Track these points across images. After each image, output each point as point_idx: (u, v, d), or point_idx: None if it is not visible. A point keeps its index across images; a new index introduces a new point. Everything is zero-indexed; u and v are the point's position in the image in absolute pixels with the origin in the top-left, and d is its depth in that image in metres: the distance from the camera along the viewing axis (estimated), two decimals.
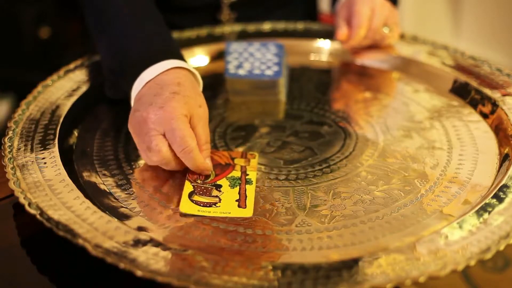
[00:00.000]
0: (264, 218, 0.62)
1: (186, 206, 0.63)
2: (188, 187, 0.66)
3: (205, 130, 0.68)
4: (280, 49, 0.89)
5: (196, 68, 0.94)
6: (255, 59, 0.88)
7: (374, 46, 0.95)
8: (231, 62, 0.87)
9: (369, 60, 0.95)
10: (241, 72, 0.85)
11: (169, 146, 0.65)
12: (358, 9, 0.91)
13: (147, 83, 0.70)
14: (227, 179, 0.68)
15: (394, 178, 0.68)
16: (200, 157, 0.66)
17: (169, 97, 0.67)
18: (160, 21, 0.81)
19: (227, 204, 0.64)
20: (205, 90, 0.87)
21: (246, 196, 0.65)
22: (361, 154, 0.73)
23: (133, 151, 0.73)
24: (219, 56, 0.95)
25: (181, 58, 0.74)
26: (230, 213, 0.62)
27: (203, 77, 0.77)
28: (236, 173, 0.69)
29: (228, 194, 0.65)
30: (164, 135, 0.65)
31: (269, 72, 0.85)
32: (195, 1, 1.04)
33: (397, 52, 0.94)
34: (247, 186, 0.67)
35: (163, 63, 0.71)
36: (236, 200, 0.64)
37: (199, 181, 0.67)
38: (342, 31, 0.93)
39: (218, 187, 0.67)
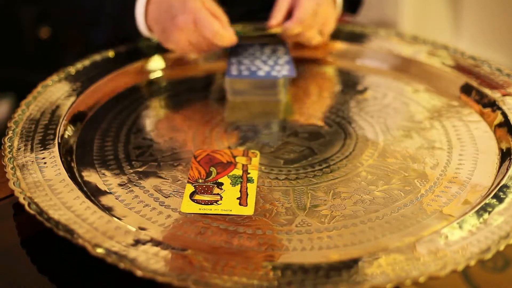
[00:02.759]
0: (264, 218, 0.62)
1: (187, 206, 0.63)
2: (189, 188, 0.66)
3: (218, 8, 0.86)
4: (283, 49, 0.89)
5: (194, 69, 0.95)
6: (255, 59, 0.88)
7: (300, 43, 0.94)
8: (234, 63, 0.87)
9: (369, 60, 0.95)
10: (242, 72, 0.85)
11: None
12: (304, 3, 0.87)
13: (148, 3, 0.86)
14: (228, 177, 0.68)
15: (394, 178, 0.68)
16: (227, 33, 0.82)
17: (180, 3, 0.82)
18: None
19: (228, 202, 0.64)
20: (204, 90, 0.88)
21: (247, 194, 0.65)
22: (361, 154, 0.73)
23: (133, 151, 0.73)
24: (217, 56, 0.95)
25: None
26: (231, 210, 0.63)
27: (203, 77, 0.77)
28: (238, 171, 0.69)
29: (229, 192, 0.65)
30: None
31: (272, 72, 0.85)
32: None
33: (397, 52, 0.94)
34: (248, 185, 0.67)
35: None
36: (237, 198, 0.64)
37: (200, 180, 0.67)
38: (276, 20, 0.90)
39: (220, 185, 0.67)
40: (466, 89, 0.84)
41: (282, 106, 0.85)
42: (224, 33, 0.81)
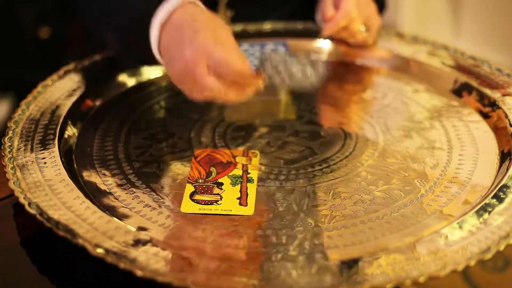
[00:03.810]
0: (264, 218, 0.62)
1: (187, 206, 0.63)
2: (189, 188, 0.66)
3: (234, 43, 0.69)
4: (283, 49, 0.89)
5: None
6: (254, 59, 0.88)
7: (346, 43, 0.96)
8: None
9: (369, 60, 0.95)
10: None
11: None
12: (343, 5, 0.91)
13: (163, 26, 0.71)
14: (228, 177, 0.68)
15: (394, 178, 0.68)
16: (250, 72, 0.67)
17: (193, 36, 0.67)
18: None
19: (228, 202, 0.64)
20: None
21: (247, 194, 0.65)
22: (361, 154, 0.73)
23: (133, 151, 0.73)
24: None
25: None
26: (231, 210, 0.63)
27: None
28: (238, 171, 0.69)
29: (229, 192, 0.65)
30: (208, 71, 0.66)
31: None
32: None
33: (397, 52, 0.94)
34: (248, 185, 0.67)
35: (170, 2, 0.71)
36: (237, 198, 0.64)
37: (200, 180, 0.67)
38: (330, 12, 0.93)
39: (220, 185, 0.67)
40: (466, 89, 0.83)
41: (282, 106, 0.85)
42: (249, 73, 0.68)
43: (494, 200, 0.61)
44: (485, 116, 0.78)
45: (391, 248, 0.56)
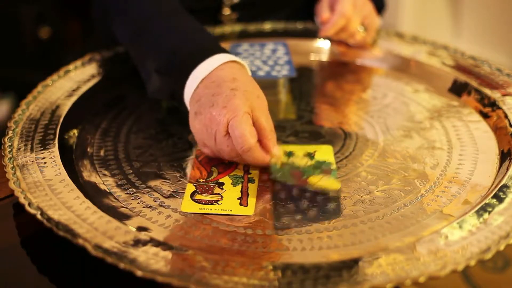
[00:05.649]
0: (264, 218, 0.62)
1: (187, 206, 0.63)
2: (190, 188, 0.66)
3: (268, 119, 0.68)
4: (283, 49, 0.89)
5: None
6: (255, 59, 0.88)
7: (345, 43, 0.97)
8: None
9: (369, 60, 0.95)
10: None
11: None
12: (340, 5, 0.92)
13: (202, 81, 0.70)
14: (229, 177, 0.68)
15: (394, 178, 0.68)
16: (259, 154, 0.66)
17: (229, 95, 0.66)
18: (193, 18, 0.81)
19: (228, 202, 0.64)
20: None
21: (248, 195, 0.65)
22: (361, 154, 0.73)
23: (133, 151, 0.73)
24: None
25: (227, 51, 0.73)
26: (231, 210, 0.62)
27: None
28: (239, 171, 0.69)
29: (230, 192, 0.65)
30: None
31: (272, 72, 0.85)
32: (196, 3, 1.04)
33: (397, 52, 0.94)
34: (249, 185, 0.67)
35: (215, 57, 0.71)
36: (238, 198, 0.64)
37: (201, 180, 0.67)
38: (326, 14, 0.95)
39: (221, 185, 0.67)
40: (466, 89, 0.84)
41: (282, 106, 0.85)
42: (256, 154, 0.66)
43: (494, 200, 0.61)
44: (485, 116, 0.78)
45: (391, 248, 0.56)
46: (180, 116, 0.81)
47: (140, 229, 0.59)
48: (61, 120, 0.74)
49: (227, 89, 0.67)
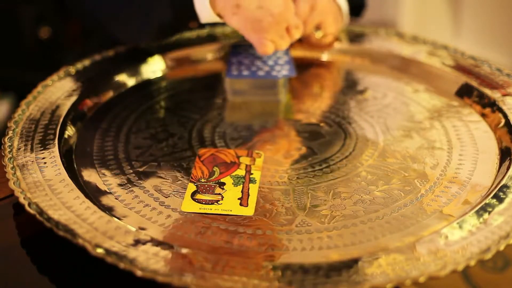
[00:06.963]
0: (264, 218, 0.62)
1: (188, 205, 0.63)
2: (191, 187, 0.66)
3: None
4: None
5: (196, 68, 0.95)
6: (255, 59, 0.88)
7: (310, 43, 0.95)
8: (234, 63, 0.87)
9: (369, 60, 0.95)
10: (242, 72, 0.85)
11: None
12: (297, 5, 0.89)
13: None
14: (231, 177, 0.68)
15: (394, 178, 0.68)
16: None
17: None
18: None
19: (229, 202, 0.64)
20: (205, 90, 0.88)
21: (248, 195, 0.65)
22: (361, 154, 0.73)
23: (133, 151, 0.73)
24: (219, 56, 0.95)
25: None
26: (231, 210, 0.63)
27: (203, 77, 0.77)
28: (241, 172, 0.69)
29: (231, 192, 0.65)
30: None
31: (272, 72, 0.85)
32: None
33: (397, 52, 0.94)
34: (250, 185, 0.67)
35: None
36: (238, 199, 0.64)
37: (202, 180, 0.67)
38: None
39: (222, 184, 0.67)
40: (466, 89, 0.84)
41: (282, 106, 0.85)
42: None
43: (494, 200, 0.61)
44: (485, 116, 0.78)
45: (391, 248, 0.56)
46: (180, 116, 0.81)
47: (140, 229, 0.59)
48: (61, 120, 0.74)
49: None
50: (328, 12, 0.92)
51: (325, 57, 0.97)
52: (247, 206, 0.63)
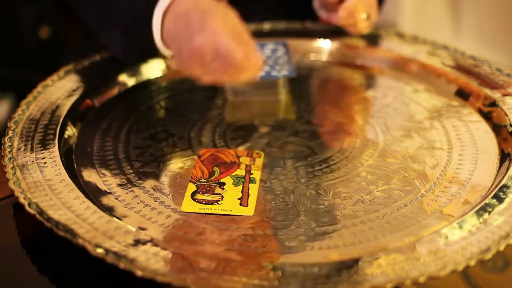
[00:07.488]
0: (264, 218, 0.62)
1: (188, 205, 0.63)
2: (191, 187, 0.66)
3: (242, 25, 0.71)
4: (283, 49, 0.89)
5: None
6: None
7: (344, 30, 0.95)
8: None
9: (369, 60, 0.95)
10: None
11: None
12: None
13: (165, 15, 0.73)
14: (231, 177, 0.68)
15: (394, 178, 0.68)
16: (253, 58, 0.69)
17: (200, 21, 0.69)
18: None
19: (229, 202, 0.64)
20: (205, 90, 0.87)
21: (248, 195, 0.65)
22: (361, 154, 0.73)
23: (133, 151, 0.73)
24: None
25: None
26: (231, 210, 0.63)
27: None
28: (241, 172, 0.69)
29: (231, 192, 0.65)
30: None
31: (272, 72, 0.85)
32: None
33: (397, 52, 0.94)
34: (250, 185, 0.67)
35: None
36: (239, 199, 0.64)
37: (202, 180, 0.67)
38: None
39: (222, 184, 0.67)
40: (466, 89, 0.83)
41: (282, 106, 0.85)
42: (248, 64, 0.69)
43: (494, 200, 0.61)
44: (485, 116, 0.78)
45: (391, 248, 0.56)
46: (180, 116, 0.81)
47: (140, 229, 0.59)
48: (61, 120, 0.74)
49: (196, 17, 0.69)
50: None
51: (325, 57, 0.97)
52: (247, 206, 0.63)
